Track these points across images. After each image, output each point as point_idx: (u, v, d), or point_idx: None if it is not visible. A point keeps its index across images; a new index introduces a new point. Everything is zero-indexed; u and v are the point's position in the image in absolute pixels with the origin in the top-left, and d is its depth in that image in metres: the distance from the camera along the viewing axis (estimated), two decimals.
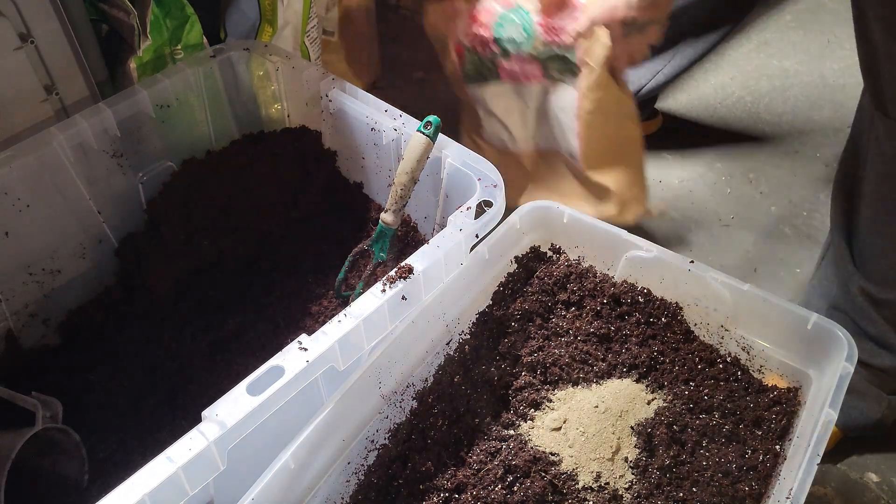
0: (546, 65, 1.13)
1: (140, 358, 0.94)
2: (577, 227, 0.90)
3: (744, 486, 0.72)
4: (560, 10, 1.09)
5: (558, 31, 1.09)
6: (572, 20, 1.07)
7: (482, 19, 1.14)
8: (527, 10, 1.11)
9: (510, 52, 1.14)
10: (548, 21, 1.09)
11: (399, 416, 0.79)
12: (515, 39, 1.13)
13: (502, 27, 1.13)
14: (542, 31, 1.10)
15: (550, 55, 1.12)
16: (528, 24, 1.11)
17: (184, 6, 1.05)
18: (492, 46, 1.15)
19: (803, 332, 0.78)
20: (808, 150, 1.67)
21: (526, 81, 1.17)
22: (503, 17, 1.13)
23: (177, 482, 0.62)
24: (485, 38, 1.15)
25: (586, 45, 1.08)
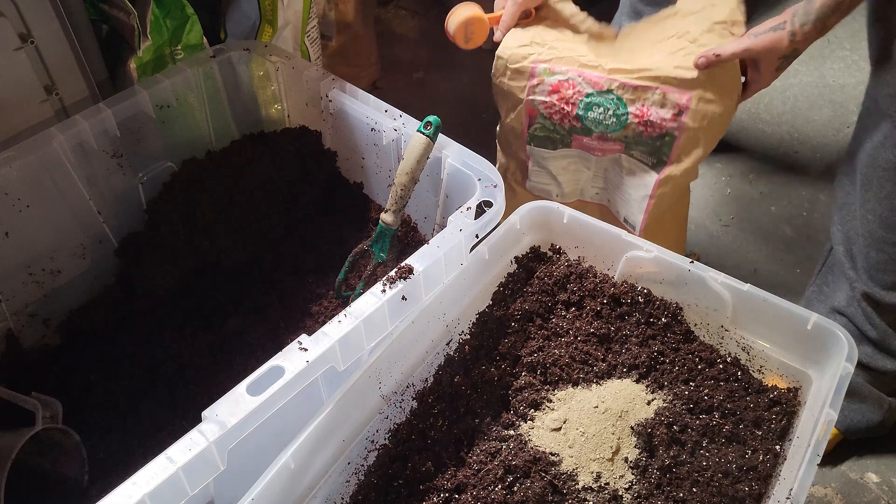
0: (630, 146, 1.09)
1: (140, 358, 0.94)
2: (577, 227, 0.90)
3: (744, 487, 0.72)
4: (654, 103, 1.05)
5: (656, 125, 1.05)
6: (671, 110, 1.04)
7: (566, 94, 1.08)
8: (621, 97, 1.05)
9: (593, 132, 1.09)
10: (645, 114, 1.05)
11: (399, 417, 0.79)
12: (603, 122, 1.08)
13: (590, 108, 1.07)
14: (637, 122, 1.06)
15: (639, 142, 1.08)
16: (621, 112, 1.06)
17: (184, 6, 1.05)
18: (573, 122, 1.10)
19: (803, 333, 0.78)
20: (807, 150, 1.67)
21: (598, 155, 1.13)
22: (592, 99, 1.07)
23: (177, 482, 0.62)
24: (567, 112, 1.09)
25: (683, 140, 1.05)
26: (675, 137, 1.05)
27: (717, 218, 1.53)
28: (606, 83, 1.05)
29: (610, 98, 1.06)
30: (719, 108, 1.04)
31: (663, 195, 1.11)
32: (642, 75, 1.04)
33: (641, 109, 1.05)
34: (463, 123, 1.70)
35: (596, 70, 1.06)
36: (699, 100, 1.03)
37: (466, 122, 1.72)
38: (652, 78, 1.03)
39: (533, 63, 1.09)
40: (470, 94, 1.81)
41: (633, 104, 1.05)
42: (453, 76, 1.85)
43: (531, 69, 1.09)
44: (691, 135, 1.05)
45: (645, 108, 1.05)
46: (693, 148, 1.07)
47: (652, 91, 1.04)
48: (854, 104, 1.75)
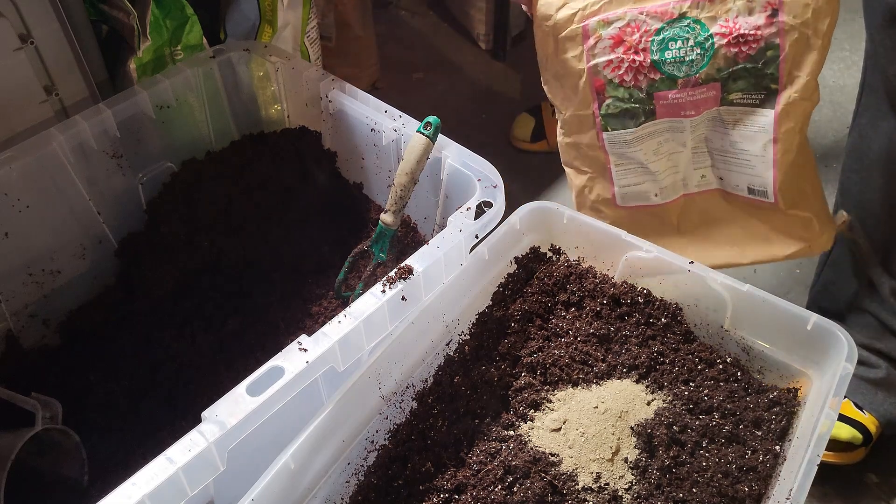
0: (728, 86, 0.90)
1: (140, 358, 0.94)
2: (576, 227, 0.90)
3: (744, 487, 0.72)
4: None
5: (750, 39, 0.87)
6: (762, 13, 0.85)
7: (631, 40, 0.89)
8: (697, 18, 0.87)
9: (678, 79, 0.91)
10: (733, 28, 0.86)
11: (399, 417, 0.79)
12: (686, 59, 0.89)
13: (665, 47, 0.89)
14: (727, 44, 0.87)
15: (736, 72, 0.89)
16: (704, 37, 0.88)
17: (184, 7, 1.05)
18: (650, 74, 0.91)
19: (803, 333, 0.78)
20: None
21: (691, 115, 0.94)
22: (665, 34, 0.88)
23: (177, 483, 0.62)
24: (640, 63, 0.90)
25: (789, 45, 0.86)
26: (780, 48, 0.86)
27: None
28: (675, 7, 0.87)
29: (685, 25, 0.87)
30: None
31: (790, 132, 0.91)
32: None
33: (727, 25, 0.86)
34: (463, 124, 1.70)
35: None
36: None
37: (466, 122, 1.72)
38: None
39: (582, 21, 0.90)
40: (470, 94, 1.81)
41: (715, 22, 0.87)
42: (453, 76, 1.85)
43: (582, 29, 0.90)
44: (797, 36, 0.86)
45: (731, 22, 0.86)
46: (805, 53, 0.87)
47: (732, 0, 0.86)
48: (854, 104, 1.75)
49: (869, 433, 1.13)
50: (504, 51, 1.84)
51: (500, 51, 1.84)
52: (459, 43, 1.91)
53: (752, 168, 0.95)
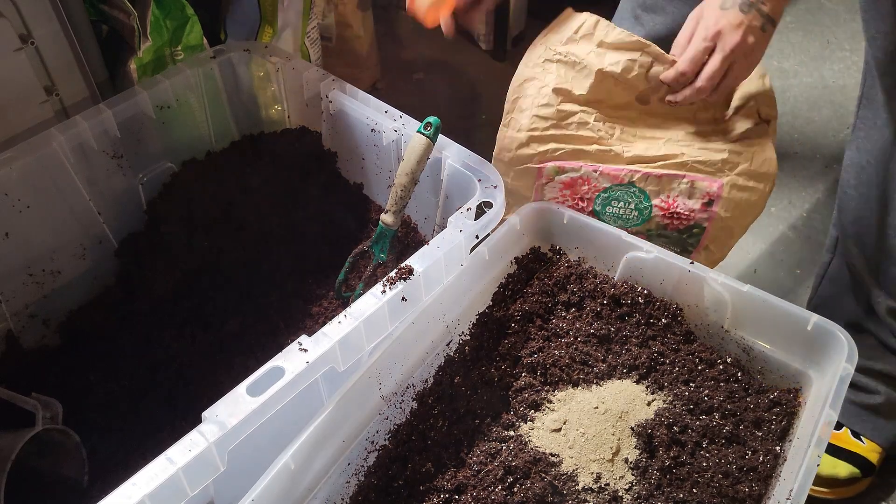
0: (652, 239, 0.97)
1: (140, 358, 0.94)
2: (577, 228, 0.90)
3: (744, 487, 0.72)
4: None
5: (683, 216, 0.95)
6: (700, 200, 0.93)
7: (580, 190, 0.96)
8: (643, 189, 0.94)
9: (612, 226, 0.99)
10: (671, 205, 0.94)
11: (399, 417, 0.79)
12: (623, 217, 0.97)
13: (608, 203, 0.96)
14: (662, 215, 0.95)
15: (664, 234, 0.98)
16: (644, 206, 0.95)
17: (184, 7, 1.05)
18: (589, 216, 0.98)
19: (803, 334, 0.78)
20: (807, 151, 1.67)
21: None
22: (610, 193, 0.95)
23: (177, 483, 0.62)
24: (582, 207, 0.97)
25: (713, 231, 0.95)
26: (705, 229, 0.96)
27: None
28: (627, 175, 0.94)
29: (631, 191, 0.95)
30: (754, 194, 0.94)
31: None
32: (668, 163, 0.93)
33: (667, 201, 0.94)
34: (463, 124, 1.70)
35: (613, 161, 0.94)
36: (732, 186, 0.93)
37: (466, 122, 1.72)
38: (678, 165, 0.93)
39: (539, 163, 0.96)
40: (470, 94, 1.81)
41: (658, 196, 0.95)
42: (453, 77, 1.85)
43: (537, 171, 0.96)
44: (723, 224, 0.95)
45: (671, 200, 0.94)
46: (726, 238, 0.98)
47: (679, 180, 0.93)
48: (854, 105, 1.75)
49: (869, 464, 1.12)
50: (504, 51, 1.84)
51: (500, 51, 1.84)
52: (459, 43, 1.91)
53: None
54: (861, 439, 1.12)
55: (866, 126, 1.01)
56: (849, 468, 1.11)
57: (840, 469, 1.11)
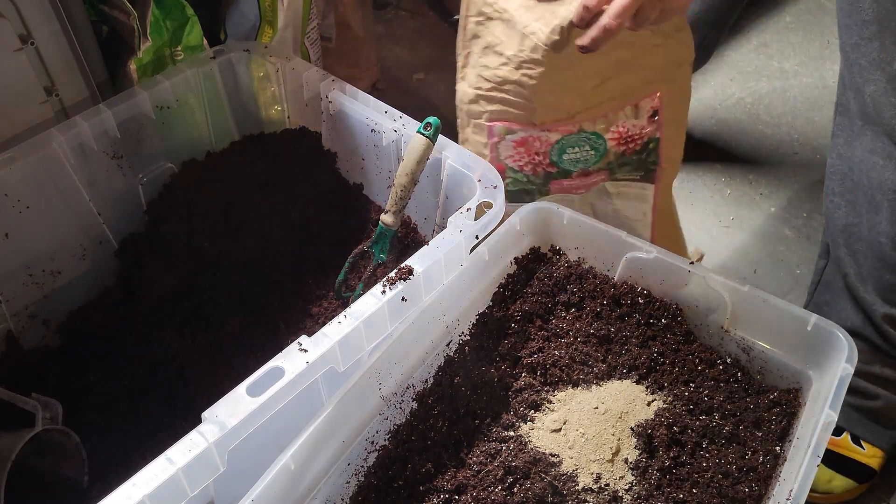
0: (614, 170, 1.01)
1: (140, 358, 0.94)
2: (576, 228, 0.90)
3: (744, 488, 0.72)
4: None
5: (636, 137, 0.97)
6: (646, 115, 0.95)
7: (532, 146, 0.98)
8: (593, 130, 0.96)
9: (572, 172, 1.01)
10: (622, 133, 0.96)
11: (399, 418, 0.79)
12: (581, 159, 0.99)
13: (563, 151, 0.98)
14: (617, 143, 0.97)
15: (623, 160, 1.00)
16: (599, 143, 0.97)
17: (184, 7, 1.05)
18: (548, 168, 1.01)
19: (803, 334, 0.78)
20: (807, 151, 1.67)
21: (581, 192, 1.04)
22: (563, 143, 0.97)
23: (177, 483, 0.62)
24: (539, 160, 0.99)
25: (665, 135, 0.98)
26: (659, 139, 0.99)
27: (717, 218, 1.53)
28: (574, 125, 0.96)
29: (583, 136, 0.97)
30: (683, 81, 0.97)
31: (665, 198, 1.06)
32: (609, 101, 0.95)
33: (617, 130, 0.97)
34: None
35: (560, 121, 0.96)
36: (667, 88, 0.95)
37: None
38: (619, 98, 0.95)
39: (489, 122, 0.98)
40: None
41: (608, 130, 0.97)
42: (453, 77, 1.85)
43: (488, 128, 0.98)
44: (671, 126, 0.98)
45: (620, 127, 0.97)
46: (678, 139, 1.00)
47: (622, 109, 0.96)
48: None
49: (869, 470, 1.11)
50: None
51: None
52: None
53: (631, 229, 1.05)
54: (861, 445, 1.12)
55: (844, 132, 1.01)
56: (845, 483, 1.10)
57: (836, 484, 1.10)
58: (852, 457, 1.11)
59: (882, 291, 1.02)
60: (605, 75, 0.95)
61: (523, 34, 0.91)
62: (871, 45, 0.91)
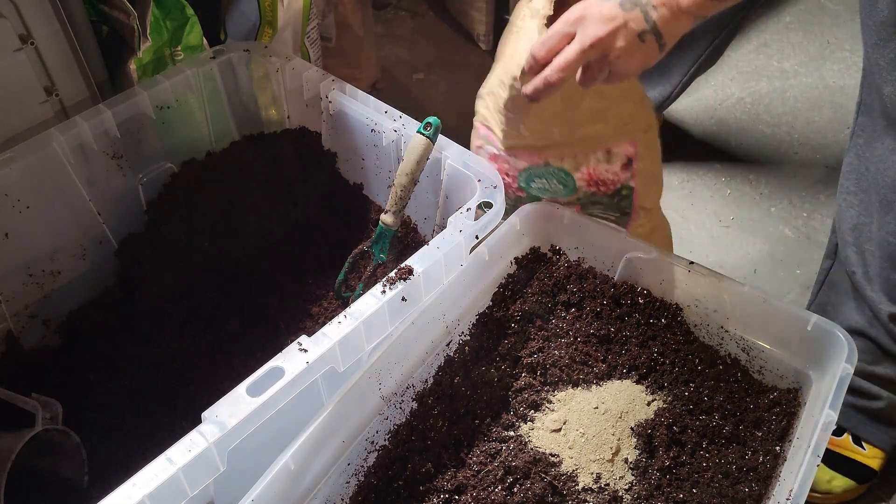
0: (587, 207, 0.99)
1: (140, 358, 0.94)
2: (576, 228, 0.90)
3: (744, 487, 0.72)
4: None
5: (608, 182, 0.95)
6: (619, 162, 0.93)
7: (502, 166, 0.97)
8: (562, 167, 0.94)
9: (541, 198, 0.99)
10: (592, 174, 0.94)
11: (399, 418, 0.79)
12: (549, 190, 0.98)
13: (531, 179, 0.97)
14: (587, 184, 0.96)
15: (596, 201, 0.99)
16: (566, 178, 0.96)
17: (184, 7, 1.05)
18: (516, 192, 1.00)
19: (803, 333, 0.78)
20: (807, 151, 1.67)
21: None
22: (529, 172, 0.96)
23: (177, 483, 0.62)
24: (508, 183, 0.99)
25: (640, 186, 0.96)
26: (632, 189, 0.97)
27: (717, 218, 1.52)
28: (541, 158, 0.95)
29: (549, 171, 0.95)
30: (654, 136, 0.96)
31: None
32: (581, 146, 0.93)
33: (588, 171, 0.95)
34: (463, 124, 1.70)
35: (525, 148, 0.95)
36: (643, 137, 0.94)
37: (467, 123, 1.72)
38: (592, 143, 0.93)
39: (478, 122, 0.99)
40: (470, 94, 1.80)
41: (577, 170, 0.95)
42: (453, 77, 1.85)
43: (477, 127, 0.99)
44: (645, 178, 0.96)
45: (591, 170, 0.95)
46: (652, 190, 0.99)
47: (594, 153, 0.94)
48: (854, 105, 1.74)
49: (869, 471, 1.11)
50: None
51: None
52: (459, 43, 1.91)
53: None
54: (862, 445, 1.12)
55: (865, 133, 1.00)
56: (845, 483, 1.10)
57: (835, 484, 1.10)
58: (853, 457, 1.11)
59: (889, 291, 1.02)
60: (576, 123, 0.93)
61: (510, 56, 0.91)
62: (888, 46, 0.90)
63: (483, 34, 1.86)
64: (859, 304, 1.07)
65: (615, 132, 0.94)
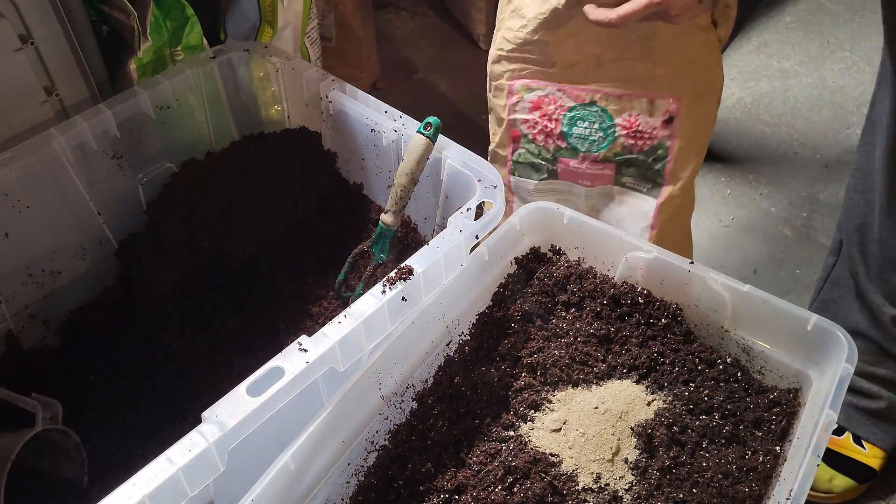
0: (621, 170, 1.00)
1: (140, 358, 0.94)
2: (577, 228, 0.90)
3: (744, 487, 0.72)
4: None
5: (646, 135, 0.96)
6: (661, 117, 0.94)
7: (547, 109, 0.99)
8: (605, 108, 0.96)
9: (580, 151, 1.01)
10: (633, 123, 0.96)
11: (399, 418, 0.79)
12: (588, 138, 0.99)
13: (574, 123, 0.98)
14: (626, 134, 0.97)
15: (630, 159, 0.99)
16: (607, 125, 0.97)
17: (184, 7, 1.05)
18: (558, 141, 1.01)
19: (803, 333, 0.78)
20: (807, 151, 1.67)
21: (587, 185, 1.04)
22: (575, 112, 0.98)
23: (177, 483, 0.62)
24: (551, 129, 1.00)
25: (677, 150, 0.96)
26: (668, 150, 0.98)
27: (717, 218, 1.53)
28: (589, 95, 0.97)
29: (594, 110, 0.97)
30: (707, 107, 0.96)
31: (666, 223, 1.03)
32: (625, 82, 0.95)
33: (629, 119, 0.97)
34: (463, 124, 1.70)
35: (577, 83, 0.97)
36: (689, 101, 0.95)
37: (467, 122, 1.72)
38: (637, 83, 0.95)
39: (510, 80, 1.00)
40: (470, 94, 1.81)
41: (620, 115, 0.97)
42: (453, 77, 1.85)
43: (508, 86, 1.01)
44: (684, 143, 0.97)
45: (632, 118, 0.97)
46: (688, 160, 0.99)
47: (638, 99, 0.96)
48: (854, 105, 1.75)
49: (869, 470, 1.11)
50: None
51: None
52: (459, 43, 1.91)
53: None
54: (862, 445, 1.12)
55: (875, 131, 1.00)
56: (845, 482, 1.10)
57: (836, 483, 1.10)
58: (853, 457, 1.11)
59: (890, 294, 1.02)
60: (625, 53, 0.95)
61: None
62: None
63: (483, 34, 1.86)
64: (861, 304, 1.07)
65: (662, 81, 0.94)
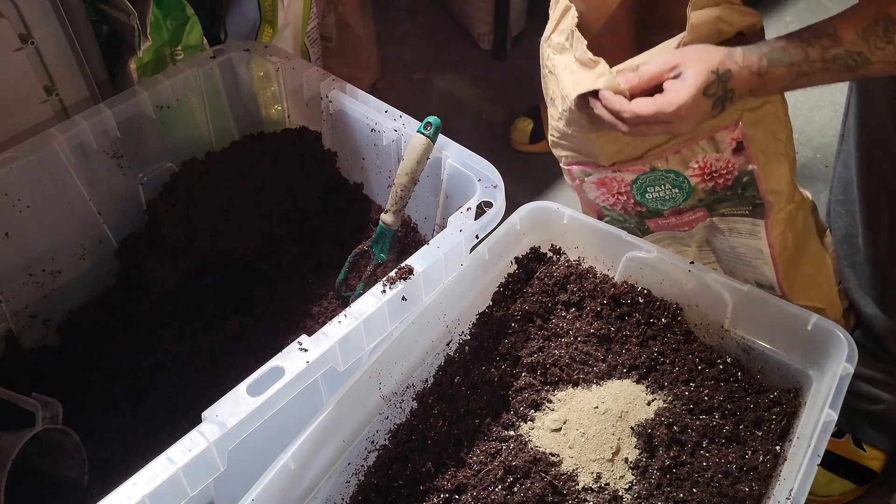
0: (714, 207, 0.94)
1: (140, 358, 0.94)
2: (577, 227, 0.90)
3: (744, 487, 0.72)
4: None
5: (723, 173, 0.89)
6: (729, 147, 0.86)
7: (611, 187, 0.94)
8: (668, 168, 0.89)
9: (663, 210, 0.95)
10: (703, 166, 0.89)
11: (399, 417, 0.79)
12: (666, 198, 0.93)
13: (644, 191, 0.93)
14: (702, 180, 0.90)
15: (718, 197, 0.93)
16: (679, 179, 0.91)
17: (184, 7, 1.05)
18: (636, 208, 0.97)
19: (803, 333, 0.78)
20: (808, 150, 1.67)
21: (685, 230, 0.99)
22: (639, 182, 0.92)
23: (177, 483, 0.62)
24: (625, 201, 0.96)
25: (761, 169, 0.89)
26: (753, 174, 0.90)
27: None
28: (646, 164, 0.91)
29: (658, 175, 0.91)
30: (771, 106, 0.88)
31: (782, 235, 0.96)
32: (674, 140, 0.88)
33: (698, 165, 0.90)
34: (463, 124, 1.70)
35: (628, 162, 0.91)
36: (748, 116, 0.87)
37: (467, 122, 1.72)
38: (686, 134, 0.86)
39: (567, 165, 0.97)
40: (470, 94, 1.81)
41: (687, 166, 0.90)
42: (453, 76, 1.85)
43: (568, 171, 0.98)
44: (765, 158, 0.89)
45: (701, 162, 0.89)
46: (778, 170, 0.91)
47: (695, 144, 0.88)
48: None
49: (869, 472, 1.11)
50: (504, 51, 1.84)
51: (500, 51, 1.84)
52: (459, 43, 1.91)
53: (754, 267, 1.00)
54: (862, 447, 1.12)
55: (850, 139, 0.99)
56: (844, 485, 1.10)
57: (835, 486, 1.10)
58: (854, 459, 1.11)
59: (886, 307, 1.01)
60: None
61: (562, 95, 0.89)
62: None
63: (483, 34, 1.86)
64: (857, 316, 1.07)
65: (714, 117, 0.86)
